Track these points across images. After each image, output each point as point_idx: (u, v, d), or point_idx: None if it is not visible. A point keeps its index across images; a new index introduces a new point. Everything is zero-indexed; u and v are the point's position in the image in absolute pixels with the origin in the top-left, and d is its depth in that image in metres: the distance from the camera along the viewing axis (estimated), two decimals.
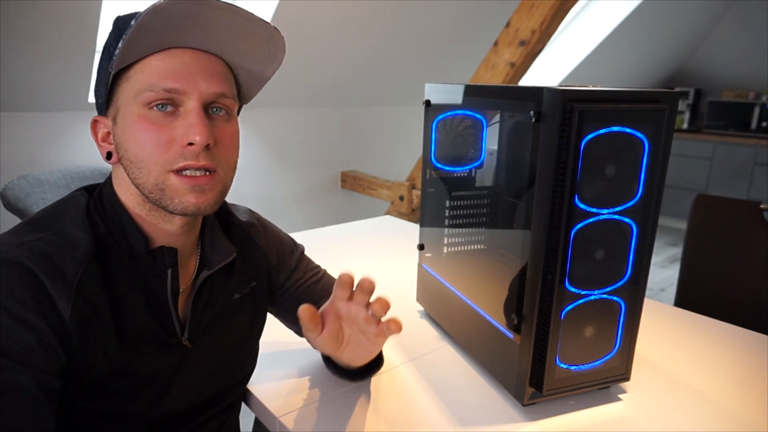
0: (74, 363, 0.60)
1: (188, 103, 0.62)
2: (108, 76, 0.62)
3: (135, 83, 0.61)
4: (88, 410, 0.64)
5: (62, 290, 0.58)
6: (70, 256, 0.60)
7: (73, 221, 0.63)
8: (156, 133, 0.61)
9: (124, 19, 0.62)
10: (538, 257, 0.73)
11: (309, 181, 3.14)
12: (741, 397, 0.86)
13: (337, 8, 2.38)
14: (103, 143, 0.66)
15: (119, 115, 0.63)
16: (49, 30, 1.82)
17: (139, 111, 0.61)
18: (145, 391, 0.66)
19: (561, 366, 0.78)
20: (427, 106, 1.02)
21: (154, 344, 0.67)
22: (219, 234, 0.75)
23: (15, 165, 2.08)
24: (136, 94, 0.61)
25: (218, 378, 0.75)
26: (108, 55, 0.62)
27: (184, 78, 0.61)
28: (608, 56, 3.97)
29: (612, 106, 0.69)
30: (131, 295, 0.65)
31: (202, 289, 0.72)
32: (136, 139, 0.61)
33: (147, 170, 0.62)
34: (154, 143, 0.61)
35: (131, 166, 0.63)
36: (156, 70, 0.61)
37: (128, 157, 0.62)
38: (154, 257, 0.66)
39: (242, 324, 0.78)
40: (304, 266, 0.90)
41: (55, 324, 0.58)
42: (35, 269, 0.57)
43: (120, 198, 0.66)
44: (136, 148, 0.61)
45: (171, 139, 0.61)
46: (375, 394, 0.84)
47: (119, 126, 0.63)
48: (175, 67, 0.61)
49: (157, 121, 0.61)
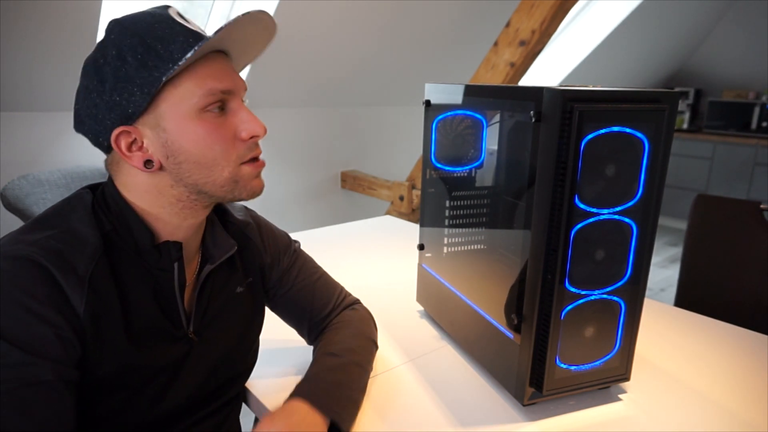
0: (87, 357, 0.61)
1: (233, 101, 0.66)
2: (156, 84, 0.61)
3: (186, 89, 0.62)
4: (97, 403, 0.64)
5: (75, 285, 0.60)
6: (80, 252, 0.61)
7: (80, 219, 0.64)
8: (220, 133, 0.64)
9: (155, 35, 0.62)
10: (538, 257, 0.73)
11: (309, 181, 3.14)
12: (741, 397, 0.86)
13: (337, 8, 2.38)
14: (133, 153, 0.64)
15: (164, 121, 0.63)
16: (49, 30, 1.82)
17: (196, 115, 0.63)
18: (152, 384, 0.68)
19: (561, 366, 0.78)
20: (427, 106, 1.02)
21: (162, 337, 0.68)
22: (219, 229, 0.77)
23: (15, 165, 2.08)
24: (190, 99, 0.62)
25: (221, 370, 0.77)
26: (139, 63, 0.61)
27: (230, 78, 0.65)
28: (608, 56, 3.97)
29: (612, 106, 0.69)
30: (139, 289, 0.66)
31: (206, 283, 0.74)
32: (204, 141, 0.64)
33: (220, 167, 0.65)
34: (222, 143, 0.65)
35: (196, 168, 0.64)
36: (206, 74, 0.63)
37: (191, 159, 0.64)
38: (160, 252, 0.68)
39: (243, 317, 0.80)
40: (299, 266, 0.90)
41: (70, 318, 0.59)
42: (48, 265, 0.58)
43: (125, 197, 0.67)
44: (205, 150, 0.64)
45: (233, 135, 0.66)
46: (375, 394, 0.84)
47: (171, 133, 0.63)
48: (221, 68, 0.65)
49: (215, 121, 0.64)
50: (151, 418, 0.69)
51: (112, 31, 0.63)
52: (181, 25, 0.64)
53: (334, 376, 0.77)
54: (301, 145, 3.04)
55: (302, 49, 2.53)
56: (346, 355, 0.81)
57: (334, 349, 0.82)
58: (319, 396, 0.72)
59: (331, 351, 0.81)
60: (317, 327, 0.90)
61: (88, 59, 0.65)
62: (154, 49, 0.61)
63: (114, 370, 0.63)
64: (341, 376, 0.78)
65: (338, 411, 0.72)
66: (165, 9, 0.65)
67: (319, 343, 0.86)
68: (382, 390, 0.85)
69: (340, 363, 0.79)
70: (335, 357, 0.80)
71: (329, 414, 0.71)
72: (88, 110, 0.64)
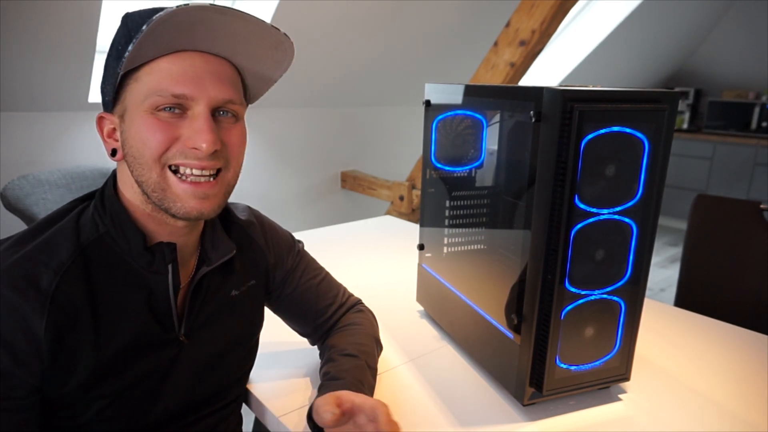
0: (54, 371, 0.61)
1: (196, 108, 0.62)
2: (116, 76, 0.62)
3: (144, 85, 0.61)
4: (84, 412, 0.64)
5: (36, 302, 0.59)
6: (44, 266, 0.61)
7: (60, 230, 0.64)
8: (161, 131, 0.61)
9: (134, 19, 0.61)
10: (538, 257, 0.73)
11: (309, 181, 3.14)
12: (741, 397, 0.86)
13: (337, 8, 2.38)
14: (108, 139, 0.66)
15: (126, 114, 0.63)
16: (49, 30, 1.82)
17: (148, 112, 0.62)
18: (142, 388, 0.67)
19: (561, 366, 0.77)
20: (427, 106, 1.02)
21: (151, 342, 0.67)
22: (219, 232, 0.76)
23: (15, 165, 2.08)
24: (145, 97, 0.61)
25: (213, 374, 0.76)
26: (116, 53, 0.62)
27: (193, 83, 0.61)
28: (608, 56, 3.97)
29: (612, 106, 0.69)
30: (126, 294, 0.65)
31: (200, 285, 0.73)
32: (141, 136, 0.62)
33: (148, 167, 0.62)
34: (157, 141, 0.61)
35: (135, 163, 0.63)
36: (165, 74, 0.61)
37: (132, 153, 0.63)
38: (153, 254, 0.67)
39: (239, 321, 0.79)
40: (303, 266, 0.90)
41: (29, 341, 0.59)
42: (8, 293, 0.58)
43: (123, 195, 0.67)
44: (139, 144, 0.62)
45: (175, 137, 0.62)
46: (375, 394, 0.84)
47: (126, 124, 0.63)
48: (184, 71, 0.61)
49: (165, 122, 0.62)
50: (144, 423, 0.69)
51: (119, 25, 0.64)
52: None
53: (356, 375, 0.77)
54: (301, 145, 3.04)
55: (302, 49, 2.53)
56: (362, 357, 0.82)
57: (351, 350, 0.82)
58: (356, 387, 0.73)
59: (348, 352, 0.81)
60: (322, 327, 0.89)
61: None
62: (130, 39, 0.60)
63: (90, 378, 0.63)
64: (359, 375, 0.78)
65: None
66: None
67: (329, 343, 0.86)
68: (382, 390, 0.85)
69: (358, 365, 0.80)
70: (354, 358, 0.81)
71: None
72: None
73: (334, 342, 0.85)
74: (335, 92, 3.00)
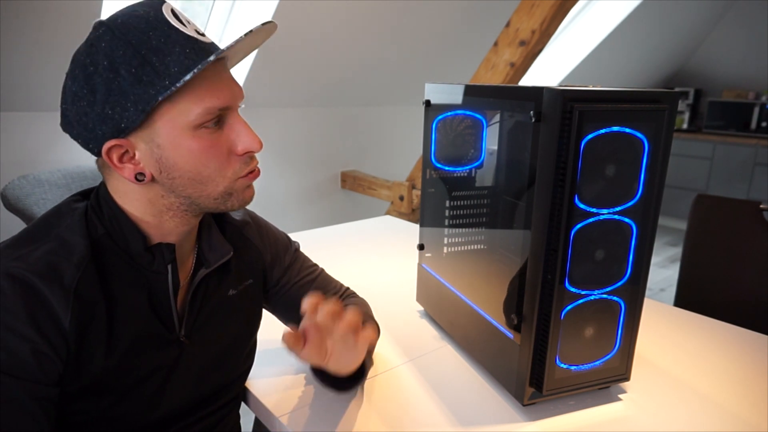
0: (73, 365, 0.61)
1: (230, 114, 0.65)
2: (151, 103, 0.58)
3: (182, 106, 0.60)
4: (89, 410, 0.64)
5: (61, 298, 0.59)
6: (67, 261, 0.61)
7: (69, 227, 0.64)
8: (216, 150, 0.63)
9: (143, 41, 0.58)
10: (538, 257, 0.73)
11: (309, 181, 3.14)
12: (741, 397, 0.86)
13: (337, 8, 2.38)
14: (124, 164, 0.62)
15: (160, 138, 0.61)
16: (48, 30, 1.82)
17: (191, 132, 0.61)
18: (144, 388, 0.68)
19: (561, 366, 0.78)
20: (427, 106, 1.02)
21: (154, 341, 0.68)
22: (216, 233, 0.76)
23: (15, 165, 2.08)
24: (186, 116, 0.60)
25: (214, 374, 0.76)
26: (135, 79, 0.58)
27: (228, 94, 0.63)
28: (608, 56, 3.97)
29: (612, 106, 0.69)
30: (131, 294, 0.66)
31: (199, 286, 0.73)
32: (198, 159, 0.62)
33: (214, 184, 0.65)
34: (218, 159, 0.64)
35: (190, 183, 0.64)
36: (205, 91, 0.61)
37: (186, 175, 0.63)
38: (153, 254, 0.67)
39: (238, 321, 0.79)
40: (299, 264, 0.90)
41: (51, 333, 0.59)
42: (33, 280, 0.58)
43: (117, 202, 0.66)
44: (200, 167, 0.63)
45: (229, 150, 0.65)
46: (375, 394, 0.84)
47: (165, 149, 0.61)
48: (215, 84, 0.62)
49: (210, 138, 0.63)
50: (146, 422, 0.69)
51: (101, 38, 0.59)
52: (177, 31, 0.60)
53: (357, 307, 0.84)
54: (301, 145, 3.04)
55: (302, 50, 2.53)
56: (360, 307, 0.89)
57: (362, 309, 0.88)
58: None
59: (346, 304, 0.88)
60: None
61: (76, 58, 0.61)
62: (150, 62, 0.58)
63: (99, 376, 0.63)
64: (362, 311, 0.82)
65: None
66: (159, 7, 0.61)
67: None
68: (382, 390, 0.85)
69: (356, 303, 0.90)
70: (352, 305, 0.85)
71: None
72: (77, 116, 0.61)
73: None
74: (335, 92, 2.99)
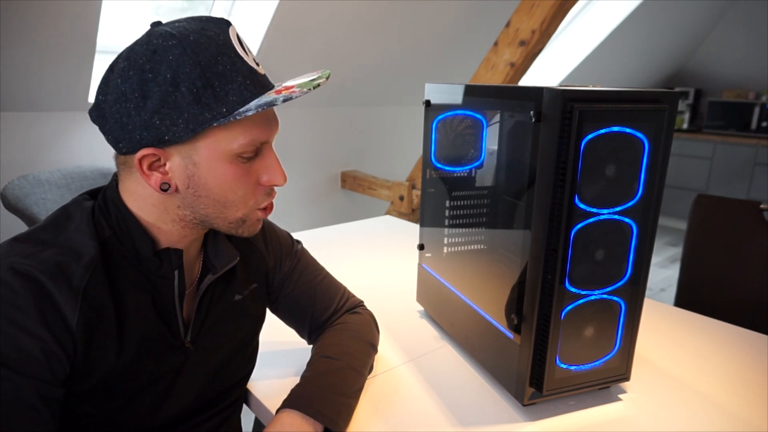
0: (80, 367, 0.61)
1: (266, 147, 0.67)
2: (203, 126, 0.59)
3: (230, 134, 0.61)
4: (94, 413, 0.64)
5: (69, 298, 0.59)
6: (76, 263, 0.60)
7: (78, 228, 0.63)
8: (246, 179, 0.65)
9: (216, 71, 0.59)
10: (538, 257, 0.73)
11: (309, 181, 3.14)
12: (741, 397, 0.86)
13: (337, 9, 2.38)
14: (153, 172, 0.62)
15: (198, 157, 0.62)
16: (48, 30, 1.82)
17: (230, 159, 0.63)
18: (148, 393, 0.67)
19: (561, 366, 0.77)
20: (427, 106, 1.02)
21: (159, 346, 0.68)
22: (222, 238, 0.76)
23: (15, 165, 2.08)
24: (230, 143, 0.62)
25: (219, 378, 0.76)
26: (194, 97, 0.58)
27: (273, 129, 0.66)
28: (608, 56, 3.97)
29: (612, 106, 0.69)
30: (137, 297, 0.65)
31: (206, 292, 0.73)
32: (229, 185, 0.64)
33: (235, 208, 0.66)
34: (244, 189, 0.65)
35: (213, 204, 0.65)
36: (254, 124, 0.63)
37: (211, 197, 0.64)
38: (161, 259, 0.67)
39: (243, 325, 0.79)
40: (302, 267, 0.90)
41: (61, 333, 0.58)
42: (43, 279, 0.58)
43: (127, 204, 0.66)
44: (227, 192, 0.64)
45: (256, 182, 0.67)
46: (375, 394, 0.84)
47: (199, 168, 0.62)
48: (264, 120, 0.64)
49: (243, 166, 0.64)
50: (149, 425, 0.69)
51: (170, 50, 0.58)
52: (242, 60, 0.62)
53: (327, 380, 0.77)
54: (301, 145, 3.04)
55: (302, 50, 2.53)
56: (343, 358, 0.81)
57: (331, 352, 0.81)
58: (311, 402, 0.72)
59: (327, 354, 0.81)
60: (319, 329, 0.89)
61: (133, 60, 0.59)
62: (212, 86, 0.59)
63: (106, 379, 0.63)
64: (336, 379, 0.77)
65: (331, 417, 0.71)
66: (227, 29, 0.62)
67: (317, 344, 0.86)
68: (382, 390, 0.85)
69: (335, 366, 0.79)
70: (331, 360, 0.80)
71: (322, 420, 0.70)
72: (117, 114, 0.60)
73: (319, 342, 0.85)
74: (335, 92, 2.99)
